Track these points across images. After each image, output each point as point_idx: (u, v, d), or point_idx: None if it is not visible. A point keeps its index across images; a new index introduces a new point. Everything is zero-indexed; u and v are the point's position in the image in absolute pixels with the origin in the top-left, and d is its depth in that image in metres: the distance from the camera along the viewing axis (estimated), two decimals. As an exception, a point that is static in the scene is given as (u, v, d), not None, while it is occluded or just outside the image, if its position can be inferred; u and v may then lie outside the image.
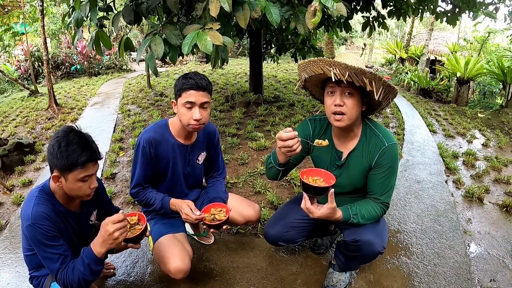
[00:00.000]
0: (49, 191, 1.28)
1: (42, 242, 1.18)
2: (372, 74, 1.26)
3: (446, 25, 5.16)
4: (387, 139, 1.43)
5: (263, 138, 3.92)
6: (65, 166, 1.18)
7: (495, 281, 1.91)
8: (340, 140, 1.53)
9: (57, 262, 1.20)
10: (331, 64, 1.29)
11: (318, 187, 1.30)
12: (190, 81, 1.48)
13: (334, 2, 1.79)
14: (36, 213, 1.18)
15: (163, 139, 1.62)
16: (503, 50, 9.11)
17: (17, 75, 9.80)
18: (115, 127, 4.88)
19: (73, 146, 1.18)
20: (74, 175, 1.20)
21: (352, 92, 1.34)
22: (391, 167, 1.43)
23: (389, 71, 12.57)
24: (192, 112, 1.49)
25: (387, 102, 1.41)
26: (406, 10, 4.27)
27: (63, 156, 1.17)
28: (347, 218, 1.42)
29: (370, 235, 1.46)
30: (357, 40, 24.93)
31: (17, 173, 3.40)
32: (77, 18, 2.59)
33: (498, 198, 2.86)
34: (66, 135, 1.20)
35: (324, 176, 1.40)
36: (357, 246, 1.49)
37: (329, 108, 1.40)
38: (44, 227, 1.18)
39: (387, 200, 1.47)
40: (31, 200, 1.22)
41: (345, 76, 1.26)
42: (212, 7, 1.85)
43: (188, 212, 1.53)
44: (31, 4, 8.02)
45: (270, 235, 1.71)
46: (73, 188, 1.23)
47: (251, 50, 5.85)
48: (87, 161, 1.20)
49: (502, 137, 4.62)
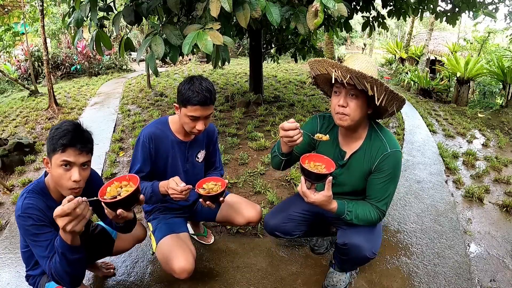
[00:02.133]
0: (43, 186, 1.28)
1: (31, 232, 1.18)
2: (373, 79, 1.26)
3: (446, 25, 5.16)
4: (390, 145, 1.43)
5: (263, 138, 3.92)
6: (50, 149, 1.19)
7: (495, 281, 1.91)
8: (345, 139, 1.54)
9: (46, 250, 1.18)
10: (333, 65, 1.32)
11: (316, 173, 1.29)
12: (197, 95, 1.43)
13: (335, 2, 1.79)
14: (25, 205, 1.19)
15: (163, 135, 1.63)
16: (503, 50, 9.11)
17: (17, 75, 9.80)
18: (115, 127, 4.89)
19: (61, 130, 1.19)
20: (55, 158, 1.18)
21: (356, 94, 1.35)
22: (391, 174, 1.42)
23: (389, 71, 12.57)
24: (195, 123, 1.50)
25: (393, 110, 1.40)
26: (406, 10, 4.27)
27: (50, 138, 1.19)
28: (341, 212, 1.42)
29: (360, 239, 1.47)
30: (357, 40, 24.91)
31: (17, 173, 3.39)
32: (77, 18, 2.59)
33: (498, 198, 2.87)
34: (61, 125, 1.22)
35: (326, 163, 1.39)
36: (345, 249, 1.51)
37: (333, 108, 1.42)
38: (34, 216, 1.18)
39: (383, 208, 1.45)
40: (23, 195, 1.24)
41: (346, 79, 1.28)
42: (213, 7, 1.85)
43: (173, 185, 1.43)
44: (31, 4, 8.02)
45: (269, 225, 1.75)
46: (54, 175, 1.21)
47: (251, 50, 5.85)
48: (68, 145, 1.16)
49: (502, 137, 4.63)
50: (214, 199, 1.43)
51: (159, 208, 1.77)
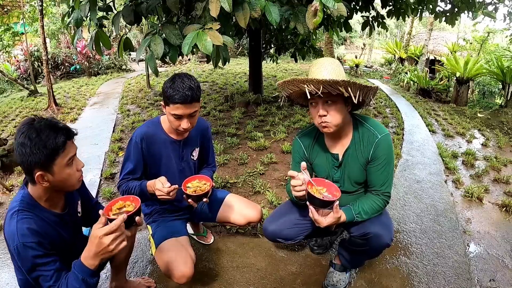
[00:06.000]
0: (30, 200, 1.13)
1: (35, 262, 1.05)
2: (345, 82, 1.29)
3: (446, 25, 5.17)
4: (379, 131, 1.47)
5: (262, 138, 3.92)
6: (47, 157, 1.04)
7: (495, 280, 1.91)
8: (333, 142, 1.57)
9: (50, 280, 1.08)
10: (304, 81, 1.34)
11: (325, 200, 1.32)
12: (178, 94, 1.41)
13: (334, 2, 1.79)
14: (21, 231, 1.03)
15: (155, 134, 1.62)
16: (502, 50, 9.11)
17: (17, 75, 9.78)
18: (114, 127, 4.88)
19: (45, 132, 1.05)
20: (59, 162, 1.07)
21: (333, 100, 1.38)
22: (387, 158, 1.47)
23: (388, 71, 12.58)
24: (180, 122, 1.49)
25: (369, 99, 1.46)
26: (405, 9, 4.27)
27: (40, 147, 1.03)
28: (351, 219, 1.46)
29: (379, 228, 1.49)
30: (356, 40, 24.92)
31: (17, 173, 3.39)
32: (76, 18, 2.59)
33: (498, 198, 2.87)
34: (31, 127, 1.06)
35: (327, 186, 1.42)
36: (366, 240, 1.51)
37: (315, 119, 1.46)
38: (34, 245, 1.04)
39: (387, 190, 1.50)
40: (13, 216, 1.06)
41: (320, 91, 1.31)
42: (212, 7, 1.85)
43: (159, 187, 1.42)
44: (30, 4, 8.01)
45: (269, 231, 1.73)
46: (62, 179, 1.11)
47: (251, 50, 5.85)
48: (66, 140, 1.09)
49: (501, 137, 4.63)
50: (197, 198, 1.45)
51: (158, 210, 1.77)
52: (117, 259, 1.57)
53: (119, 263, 1.59)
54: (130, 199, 1.21)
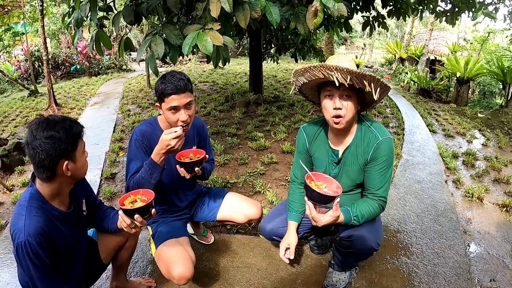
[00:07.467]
0: (39, 197, 1.13)
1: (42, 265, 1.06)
2: (371, 76, 1.30)
3: (446, 25, 5.17)
4: (381, 134, 1.47)
5: (263, 138, 3.92)
6: (73, 145, 1.11)
7: (495, 281, 1.91)
8: (336, 138, 1.56)
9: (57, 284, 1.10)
10: (332, 69, 1.30)
11: (325, 195, 1.29)
12: (169, 85, 1.44)
13: (335, 2, 1.79)
14: (30, 227, 1.04)
15: (153, 132, 1.62)
16: (502, 50, 9.10)
17: (17, 75, 9.79)
18: (115, 127, 4.88)
19: (66, 122, 1.11)
20: (79, 148, 1.15)
21: (349, 94, 1.38)
22: (387, 161, 1.46)
23: (389, 71, 12.58)
24: (178, 115, 1.48)
25: (381, 98, 1.46)
26: (405, 9, 4.27)
27: (68, 135, 1.09)
28: (348, 221, 1.44)
29: (364, 231, 1.48)
30: (357, 40, 24.92)
31: (17, 173, 3.39)
32: (77, 18, 2.59)
33: (498, 198, 2.87)
34: (49, 121, 1.09)
35: (327, 182, 1.39)
36: (350, 242, 1.52)
37: (328, 112, 1.42)
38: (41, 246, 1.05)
39: (384, 194, 1.49)
40: (21, 212, 1.07)
41: (347, 81, 1.29)
42: (213, 7, 1.85)
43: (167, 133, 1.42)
44: (31, 4, 8.02)
45: (266, 229, 1.75)
46: (80, 166, 1.17)
47: (251, 50, 5.85)
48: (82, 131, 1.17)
49: (502, 137, 4.62)
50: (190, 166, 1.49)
51: (158, 211, 1.76)
52: (119, 259, 1.57)
53: (121, 263, 1.60)
54: (140, 193, 1.30)
